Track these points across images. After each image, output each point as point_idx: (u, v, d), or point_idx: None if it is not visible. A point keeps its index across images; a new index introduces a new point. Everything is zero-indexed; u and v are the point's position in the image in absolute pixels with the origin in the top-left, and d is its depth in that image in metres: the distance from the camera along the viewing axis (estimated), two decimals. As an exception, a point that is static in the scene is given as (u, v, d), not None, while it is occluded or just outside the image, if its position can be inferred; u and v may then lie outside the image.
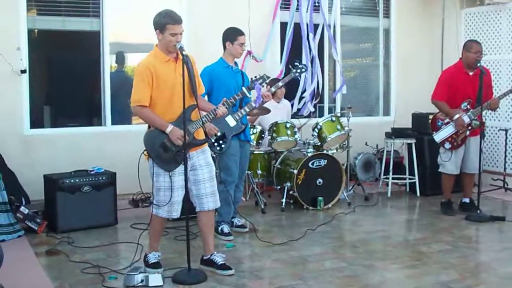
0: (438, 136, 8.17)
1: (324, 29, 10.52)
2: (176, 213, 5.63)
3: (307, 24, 10.24)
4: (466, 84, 8.02)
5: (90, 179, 7.39)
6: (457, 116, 7.97)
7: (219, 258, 5.80)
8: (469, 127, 7.98)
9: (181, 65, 5.40)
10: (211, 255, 5.82)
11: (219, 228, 7.02)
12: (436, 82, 8.29)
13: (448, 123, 8.08)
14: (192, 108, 5.53)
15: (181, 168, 5.47)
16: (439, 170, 8.34)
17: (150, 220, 5.78)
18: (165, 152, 5.45)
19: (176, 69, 5.49)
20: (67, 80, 9.57)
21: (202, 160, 5.68)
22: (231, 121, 6.85)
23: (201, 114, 5.59)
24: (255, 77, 6.44)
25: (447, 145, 8.11)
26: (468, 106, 7.98)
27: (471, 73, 8.05)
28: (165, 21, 5.41)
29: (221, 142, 6.82)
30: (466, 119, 7.94)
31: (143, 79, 5.40)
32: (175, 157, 5.45)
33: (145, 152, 5.55)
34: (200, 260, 5.88)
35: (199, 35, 9.16)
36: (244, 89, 6.18)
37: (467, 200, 8.37)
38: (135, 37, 9.52)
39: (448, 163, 8.16)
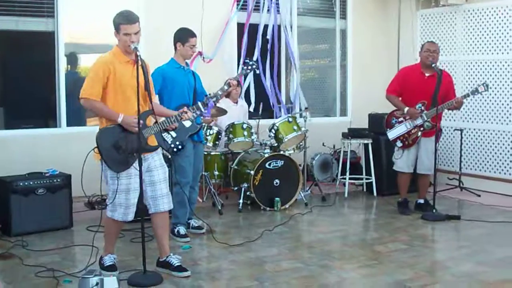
0: (391, 134, 8.30)
1: (281, 30, 10.57)
2: (132, 215, 5.58)
3: (265, 25, 10.31)
4: (421, 85, 8.10)
5: (45, 181, 7.28)
6: (407, 108, 8.08)
7: (175, 260, 5.76)
8: (422, 128, 8.07)
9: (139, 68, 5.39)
10: (166, 257, 5.79)
11: (175, 230, 6.98)
12: (392, 78, 8.48)
13: (401, 122, 8.18)
14: (148, 114, 5.50)
15: (137, 170, 5.40)
16: (393, 168, 8.44)
17: (104, 222, 5.71)
18: (117, 153, 5.39)
19: (133, 72, 5.39)
20: (21, 81, 9.43)
21: (158, 161, 5.65)
22: (186, 121, 6.81)
23: (158, 120, 5.59)
24: (209, 94, 6.47)
25: (399, 143, 8.25)
26: (423, 108, 8.06)
27: (427, 74, 8.13)
28: (119, 21, 5.38)
29: (177, 143, 6.78)
30: (419, 120, 8.04)
31: (98, 74, 5.36)
32: (127, 159, 5.39)
33: (95, 151, 5.46)
34: (156, 262, 5.84)
35: (156, 35, 9.07)
36: (199, 103, 6.16)
37: (421, 201, 8.48)
38: (90, 38, 9.42)
39: (399, 161, 8.29)
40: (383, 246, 6.73)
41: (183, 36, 7.03)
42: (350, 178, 9.65)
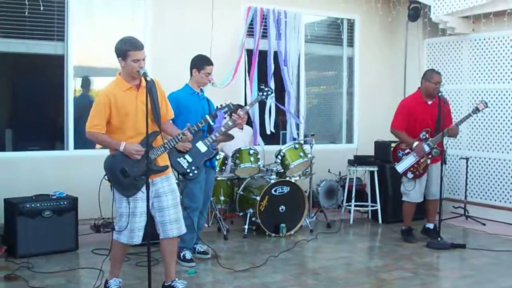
0: (400, 167, 8.28)
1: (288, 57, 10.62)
2: (137, 239, 5.56)
3: (275, 52, 10.38)
4: (424, 113, 8.16)
5: (51, 203, 7.31)
6: (416, 143, 8.10)
7: (180, 285, 5.76)
8: (430, 156, 8.10)
9: (143, 93, 5.37)
10: (172, 281, 5.79)
11: (181, 254, 6.98)
12: (395, 112, 8.43)
13: (408, 153, 8.19)
14: (154, 135, 5.50)
15: (144, 194, 5.38)
16: (403, 199, 8.41)
17: (111, 245, 5.73)
18: (124, 178, 5.42)
19: (137, 97, 5.46)
20: (30, 103, 9.50)
21: (167, 186, 5.64)
22: (202, 146, 6.86)
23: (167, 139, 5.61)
24: (221, 105, 6.47)
25: (410, 175, 8.22)
26: (427, 135, 8.11)
27: (429, 102, 8.19)
28: (126, 48, 5.38)
29: (193, 168, 6.80)
30: (426, 148, 8.06)
31: (100, 107, 5.40)
32: (134, 183, 5.41)
33: (106, 178, 5.52)
34: (161, 287, 5.84)
35: (163, 61, 9.15)
36: (207, 117, 6.20)
37: (431, 225, 8.48)
38: (99, 62, 9.50)
39: (412, 192, 8.25)
40: (387, 274, 6.73)
41: (200, 63, 7.09)
42: (355, 205, 9.66)
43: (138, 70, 5.36)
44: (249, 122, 9.80)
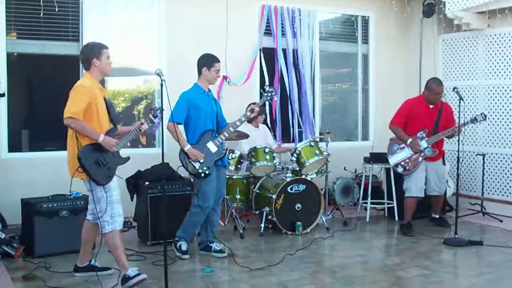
0: (393, 160, 8.64)
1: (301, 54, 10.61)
2: (119, 225, 6.03)
3: (293, 50, 10.43)
4: (425, 115, 8.49)
5: (68, 203, 7.35)
6: (410, 139, 8.41)
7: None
8: (422, 154, 8.39)
9: (103, 93, 6.05)
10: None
11: (178, 244, 7.13)
12: (397, 109, 8.73)
13: (403, 148, 8.52)
14: (115, 130, 5.97)
15: (116, 183, 5.97)
16: (405, 195, 8.75)
17: (108, 241, 5.99)
18: (99, 168, 5.73)
19: (102, 98, 5.96)
20: (46, 104, 9.51)
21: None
22: (212, 147, 6.91)
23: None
24: (154, 107, 6.49)
25: (400, 169, 8.59)
26: (424, 135, 8.41)
27: (431, 106, 8.50)
28: (102, 47, 6.04)
29: (205, 168, 6.86)
30: (424, 144, 8.36)
31: (84, 98, 5.73)
32: (108, 172, 5.82)
33: (79, 170, 5.70)
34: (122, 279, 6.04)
35: (178, 61, 9.16)
36: (150, 116, 6.20)
37: (436, 215, 8.96)
38: (114, 62, 9.48)
39: (413, 186, 8.52)
40: (404, 272, 6.70)
41: (209, 61, 7.16)
42: (371, 203, 9.63)
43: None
44: (265, 121, 9.82)
